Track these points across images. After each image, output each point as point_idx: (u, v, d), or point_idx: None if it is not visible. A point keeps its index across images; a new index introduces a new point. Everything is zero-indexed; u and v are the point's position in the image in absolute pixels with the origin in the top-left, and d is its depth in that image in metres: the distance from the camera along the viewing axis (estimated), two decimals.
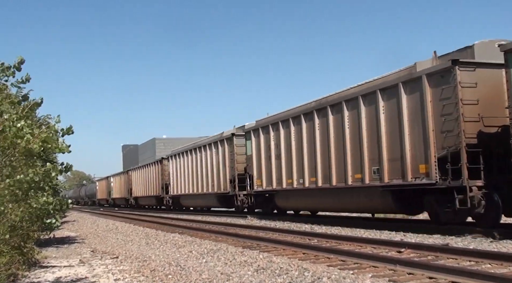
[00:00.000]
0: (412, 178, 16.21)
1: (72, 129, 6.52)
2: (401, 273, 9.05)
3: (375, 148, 17.98)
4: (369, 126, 18.26)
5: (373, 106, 17.89)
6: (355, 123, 18.94)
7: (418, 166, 15.98)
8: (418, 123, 16.05)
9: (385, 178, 17.37)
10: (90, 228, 28.00)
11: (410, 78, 16.39)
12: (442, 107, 15.11)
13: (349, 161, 19.34)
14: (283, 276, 9.32)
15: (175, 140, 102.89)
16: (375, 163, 17.88)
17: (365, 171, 18.32)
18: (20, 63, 6.76)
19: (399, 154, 16.77)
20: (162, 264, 11.80)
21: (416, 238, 14.24)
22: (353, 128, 19.10)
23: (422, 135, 15.85)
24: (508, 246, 11.84)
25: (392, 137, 17.15)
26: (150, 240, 18.38)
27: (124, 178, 65.07)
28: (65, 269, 12.13)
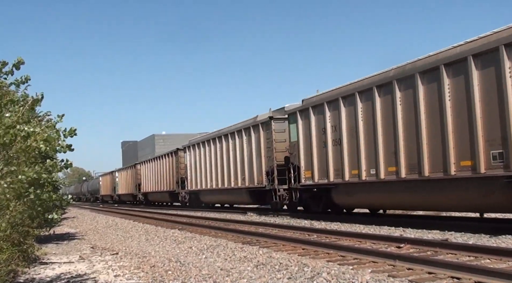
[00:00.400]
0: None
1: (76, 131, 6.49)
2: (401, 268, 9.06)
3: (494, 123, 13.73)
4: (484, 94, 14.02)
5: (488, 69, 13.95)
6: (460, 92, 14.62)
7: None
8: None
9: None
10: (90, 224, 28.01)
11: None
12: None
13: (451, 143, 14.85)
14: (282, 272, 9.33)
15: (174, 136, 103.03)
16: (496, 145, 13.65)
17: (479, 156, 13.92)
18: (19, 63, 6.77)
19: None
20: (162, 260, 11.81)
21: (415, 233, 14.25)
22: (456, 99, 14.73)
23: None
24: (508, 241, 11.86)
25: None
26: (149, 236, 18.40)
27: (131, 172, 60.25)
28: (65, 266, 12.14)
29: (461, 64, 14.42)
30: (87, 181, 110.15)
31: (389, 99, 17.16)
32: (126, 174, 63.57)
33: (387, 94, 17.28)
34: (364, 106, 18.49)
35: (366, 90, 18.35)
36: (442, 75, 14.92)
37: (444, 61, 14.92)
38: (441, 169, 15.10)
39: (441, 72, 14.91)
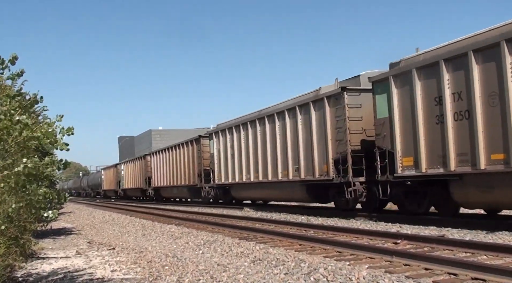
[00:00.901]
0: None
1: (73, 130, 6.48)
2: (398, 264, 9.07)
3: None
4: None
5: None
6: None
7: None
8: None
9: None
10: (87, 219, 28.00)
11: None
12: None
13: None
14: (279, 267, 9.34)
15: (171, 131, 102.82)
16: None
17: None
18: (14, 58, 6.76)
19: None
20: (158, 255, 11.81)
21: (412, 229, 14.28)
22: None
23: None
24: (504, 238, 11.88)
25: None
26: (146, 231, 18.40)
27: (139, 165, 54.01)
28: (62, 261, 12.14)
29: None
30: (87, 175, 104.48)
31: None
32: (133, 166, 57.21)
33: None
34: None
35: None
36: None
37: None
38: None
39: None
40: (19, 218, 7.87)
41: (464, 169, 14.39)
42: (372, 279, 7.66)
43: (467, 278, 7.59)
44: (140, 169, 53.68)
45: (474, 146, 13.84)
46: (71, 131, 6.47)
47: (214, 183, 33.16)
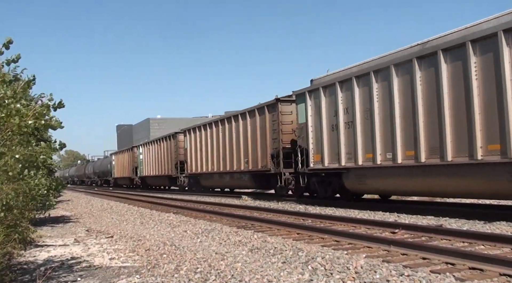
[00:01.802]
0: None
1: (63, 103, 6.46)
2: (395, 253, 9.09)
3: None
4: None
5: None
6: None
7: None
8: None
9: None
10: (85, 207, 28.01)
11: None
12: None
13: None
14: (277, 256, 9.35)
15: (169, 120, 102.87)
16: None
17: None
18: (8, 43, 6.71)
19: None
20: (156, 243, 11.82)
21: (410, 219, 14.30)
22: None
23: None
24: (502, 228, 11.90)
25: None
26: (144, 219, 18.41)
27: (167, 146, 44.44)
28: (60, 248, 12.15)
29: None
30: (92, 162, 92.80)
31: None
32: (158, 149, 46.88)
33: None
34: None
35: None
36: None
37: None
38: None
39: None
40: (17, 205, 7.85)
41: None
42: (369, 268, 7.67)
43: (465, 267, 7.60)
44: (168, 152, 44.40)
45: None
46: (62, 104, 6.44)
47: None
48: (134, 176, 43.38)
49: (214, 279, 7.66)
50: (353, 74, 18.54)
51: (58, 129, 6.79)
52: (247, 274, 7.82)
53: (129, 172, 45.74)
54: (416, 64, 15.64)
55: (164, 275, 8.24)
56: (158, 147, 46.64)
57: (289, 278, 7.44)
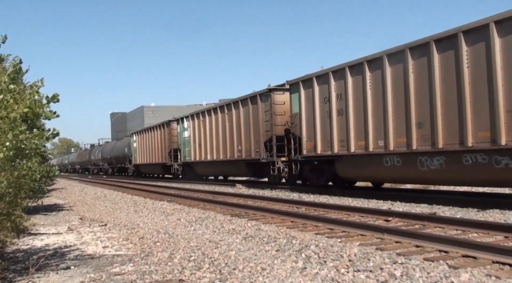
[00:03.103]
0: None
1: (58, 97, 6.41)
2: (389, 241, 9.10)
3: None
4: None
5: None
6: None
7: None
8: None
9: None
10: (78, 195, 27.97)
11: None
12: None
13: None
14: (271, 244, 9.36)
15: (163, 108, 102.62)
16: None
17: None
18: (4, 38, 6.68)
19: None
20: (150, 231, 11.82)
21: (403, 207, 14.32)
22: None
23: None
24: (495, 216, 11.93)
25: None
26: (138, 208, 18.40)
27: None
28: (54, 237, 12.14)
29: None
30: (100, 145, 76.82)
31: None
32: (211, 122, 33.12)
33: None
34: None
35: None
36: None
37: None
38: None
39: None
40: (10, 193, 7.82)
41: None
42: (363, 256, 7.68)
43: (458, 255, 7.62)
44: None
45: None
46: (56, 98, 6.39)
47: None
48: (172, 162, 37.45)
49: (207, 267, 7.66)
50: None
51: None
52: (241, 262, 7.82)
53: (162, 156, 39.22)
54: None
55: (157, 263, 8.24)
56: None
57: (282, 266, 7.44)
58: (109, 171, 64.99)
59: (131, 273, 7.67)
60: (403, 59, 16.07)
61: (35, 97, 6.32)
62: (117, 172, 61.76)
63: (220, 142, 31.16)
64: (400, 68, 16.25)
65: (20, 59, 6.87)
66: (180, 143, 38.41)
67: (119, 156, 59.31)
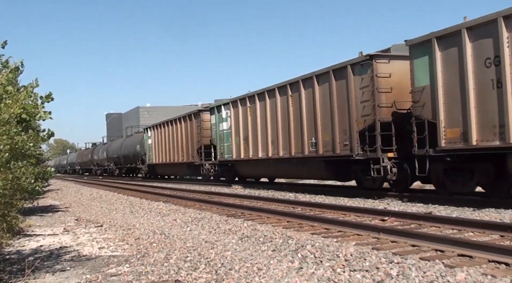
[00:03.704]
0: None
1: (52, 96, 6.41)
2: (385, 241, 9.11)
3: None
4: None
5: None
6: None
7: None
8: None
9: None
10: (74, 196, 27.92)
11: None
12: None
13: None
14: (267, 244, 9.36)
15: (159, 108, 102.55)
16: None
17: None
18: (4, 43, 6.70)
19: None
20: (146, 232, 11.81)
21: (399, 206, 14.34)
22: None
23: None
24: (491, 215, 11.95)
25: None
26: (134, 208, 18.37)
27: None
28: (50, 238, 12.11)
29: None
30: (104, 144, 68.58)
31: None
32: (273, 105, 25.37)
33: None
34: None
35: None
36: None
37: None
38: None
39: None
40: (5, 194, 7.80)
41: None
42: (359, 256, 7.68)
43: (454, 254, 7.63)
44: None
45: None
46: (50, 97, 6.39)
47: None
48: (203, 161, 31.49)
49: (204, 267, 7.66)
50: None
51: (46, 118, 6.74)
52: (237, 262, 7.82)
53: (188, 154, 33.37)
54: None
55: (154, 264, 8.23)
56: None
57: (279, 266, 7.44)
58: (116, 172, 57.19)
59: (127, 274, 7.66)
60: None
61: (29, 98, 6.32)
62: (125, 173, 54.82)
63: (280, 134, 23.43)
64: None
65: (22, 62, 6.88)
66: (215, 138, 30.56)
67: (128, 155, 51.59)
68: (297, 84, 21.90)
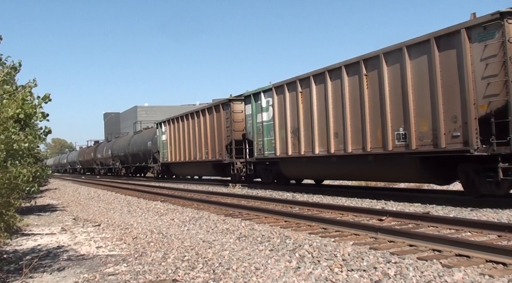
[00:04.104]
0: None
1: (49, 96, 6.40)
2: (382, 241, 9.11)
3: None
4: None
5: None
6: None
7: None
8: None
9: None
10: (72, 196, 27.88)
11: None
12: None
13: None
14: (265, 244, 9.36)
15: (157, 108, 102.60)
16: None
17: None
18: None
19: None
20: (144, 231, 11.80)
21: (397, 206, 14.33)
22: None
23: None
24: (488, 215, 11.95)
25: None
26: (132, 208, 18.36)
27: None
28: (47, 237, 12.10)
29: None
30: (108, 141, 63.16)
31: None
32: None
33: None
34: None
35: None
36: None
37: None
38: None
39: None
40: (2, 194, 7.79)
41: None
42: (357, 256, 7.69)
43: (451, 254, 7.63)
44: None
45: None
46: (48, 98, 6.38)
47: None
48: (233, 159, 27.68)
49: (201, 267, 7.66)
50: None
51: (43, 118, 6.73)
52: (235, 262, 7.82)
53: (214, 151, 29.60)
54: None
55: (151, 263, 8.22)
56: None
57: (276, 265, 7.44)
58: (122, 171, 52.59)
59: (125, 273, 7.66)
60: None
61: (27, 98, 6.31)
62: (133, 172, 50.82)
63: (348, 124, 18.36)
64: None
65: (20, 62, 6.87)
66: (251, 132, 25.58)
67: (138, 153, 46.43)
68: (376, 59, 16.92)
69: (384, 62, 16.49)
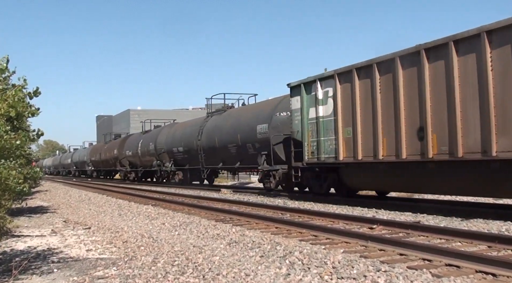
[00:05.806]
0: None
1: (39, 90, 6.39)
2: (373, 249, 9.12)
3: None
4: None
5: None
6: None
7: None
8: None
9: None
10: (63, 198, 27.80)
11: None
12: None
13: None
14: (255, 250, 9.35)
15: (150, 111, 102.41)
16: None
17: None
18: None
19: None
20: (134, 235, 11.78)
21: (388, 215, 14.35)
22: None
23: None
24: (479, 225, 11.97)
25: None
26: (122, 211, 18.32)
27: None
28: (37, 239, 12.07)
29: None
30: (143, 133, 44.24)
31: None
32: None
33: None
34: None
35: None
36: None
37: None
38: None
39: None
40: None
41: None
42: (347, 263, 7.69)
43: (441, 264, 7.65)
44: None
45: None
46: (38, 92, 6.37)
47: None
48: None
49: (191, 272, 7.65)
50: None
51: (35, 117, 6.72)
52: (225, 267, 7.82)
53: None
54: None
55: (141, 267, 8.21)
56: None
57: (266, 272, 7.44)
58: (178, 177, 35.81)
59: (115, 277, 7.64)
60: None
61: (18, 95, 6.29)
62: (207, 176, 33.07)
63: (458, 118, 13.35)
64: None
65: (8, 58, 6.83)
66: (300, 130, 20.02)
67: (238, 142, 26.67)
68: (507, 30, 12.10)
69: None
